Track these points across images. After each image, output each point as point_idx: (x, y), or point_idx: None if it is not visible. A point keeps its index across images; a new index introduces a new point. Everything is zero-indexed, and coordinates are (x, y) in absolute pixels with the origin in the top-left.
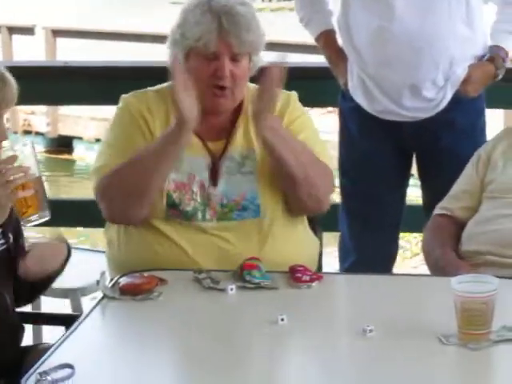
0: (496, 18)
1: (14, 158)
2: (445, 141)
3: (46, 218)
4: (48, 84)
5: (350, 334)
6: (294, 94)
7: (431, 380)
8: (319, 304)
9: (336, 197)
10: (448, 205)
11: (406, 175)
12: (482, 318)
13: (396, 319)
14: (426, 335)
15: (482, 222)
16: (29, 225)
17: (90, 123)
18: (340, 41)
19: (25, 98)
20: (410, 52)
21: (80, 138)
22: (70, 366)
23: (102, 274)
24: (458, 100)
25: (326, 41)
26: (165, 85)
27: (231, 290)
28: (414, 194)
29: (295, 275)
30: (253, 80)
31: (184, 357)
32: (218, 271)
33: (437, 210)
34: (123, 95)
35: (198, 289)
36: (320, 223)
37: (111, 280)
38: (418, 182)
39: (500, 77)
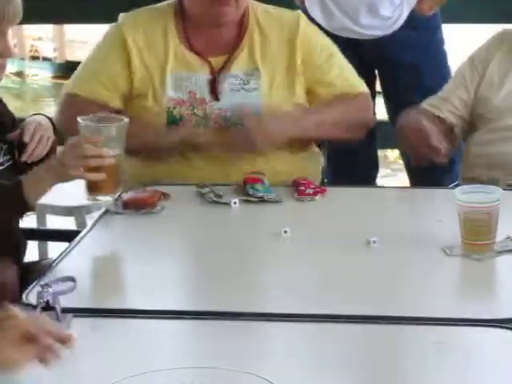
0: None
1: (98, 139)
2: (402, 57)
3: (112, 199)
4: (53, 1)
5: (353, 245)
6: (302, 15)
7: (435, 290)
8: (323, 217)
9: None
10: (438, 104)
11: (373, 90)
12: (485, 228)
13: (400, 231)
14: (430, 246)
15: (483, 144)
16: (92, 202)
17: None
18: None
19: (30, 17)
20: None
21: None
22: (72, 279)
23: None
24: (413, 18)
25: None
26: (158, 5)
27: (234, 203)
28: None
29: (299, 188)
30: None
31: (187, 268)
32: (220, 185)
33: (424, 105)
34: (121, 14)
35: (201, 203)
36: None
37: None
38: None
39: None
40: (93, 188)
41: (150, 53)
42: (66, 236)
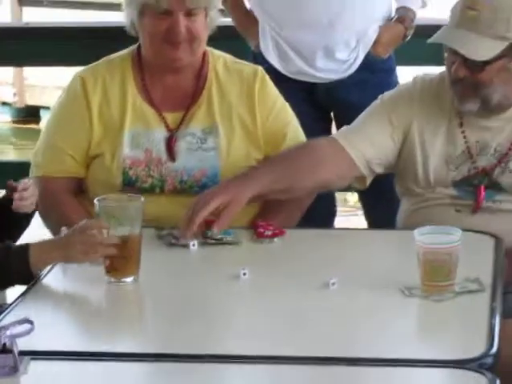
0: None
1: (106, 226)
2: (358, 100)
3: (134, 280)
4: (10, 45)
5: (313, 287)
6: (261, 70)
7: (394, 331)
8: (282, 258)
9: None
10: (352, 137)
11: (328, 133)
12: (445, 269)
13: (359, 272)
14: (388, 287)
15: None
16: (110, 282)
17: (56, 92)
18: (248, 3)
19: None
20: (326, 15)
21: (47, 108)
22: (30, 321)
23: (63, 230)
24: (369, 61)
25: (234, 4)
26: (117, 54)
27: (193, 245)
28: None
29: (257, 230)
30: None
31: (146, 310)
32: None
33: (345, 143)
34: (76, 72)
35: (160, 245)
36: None
37: None
38: None
39: (409, 37)
40: (115, 269)
41: (109, 109)
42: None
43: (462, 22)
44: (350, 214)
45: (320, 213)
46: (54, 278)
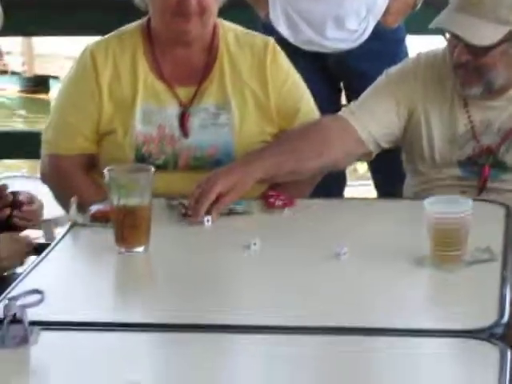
0: None
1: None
2: (368, 70)
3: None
4: (18, 14)
5: (324, 257)
6: (272, 43)
7: (405, 301)
8: (292, 228)
9: None
10: (359, 114)
11: (338, 103)
12: (455, 239)
13: (369, 242)
14: (400, 257)
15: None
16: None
17: (65, 62)
18: None
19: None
20: None
21: (56, 78)
22: (40, 292)
23: (73, 201)
24: (379, 30)
25: None
26: (127, 27)
27: (207, 221)
28: None
29: (268, 200)
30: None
31: (158, 281)
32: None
33: (351, 118)
34: (87, 44)
35: (171, 215)
36: None
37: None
38: None
39: (418, 6)
40: (125, 239)
41: (120, 85)
42: (35, 249)
43: (464, 6)
44: (359, 184)
45: (330, 183)
46: (63, 247)
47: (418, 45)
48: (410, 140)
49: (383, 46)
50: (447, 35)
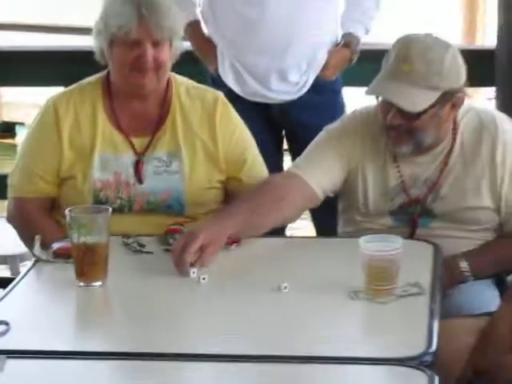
0: (346, 8)
1: None
2: (308, 119)
3: (103, 283)
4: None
5: (266, 290)
6: (222, 97)
7: (341, 331)
8: (238, 264)
9: None
10: (310, 170)
11: (280, 149)
12: (387, 274)
13: (308, 277)
14: (337, 291)
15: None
16: (79, 286)
17: (31, 110)
18: (206, 30)
19: None
20: (280, 40)
21: (22, 124)
22: (6, 323)
23: (37, 239)
24: (318, 83)
25: (194, 31)
26: (88, 80)
27: (193, 273)
28: None
29: None
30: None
31: (113, 312)
32: (144, 236)
33: (303, 173)
34: (50, 97)
35: (126, 252)
36: None
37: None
38: None
39: (354, 61)
40: (86, 274)
41: (80, 134)
42: (3, 282)
43: (396, 75)
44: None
45: None
46: (28, 282)
47: (354, 95)
48: (348, 191)
49: (322, 98)
50: (380, 98)
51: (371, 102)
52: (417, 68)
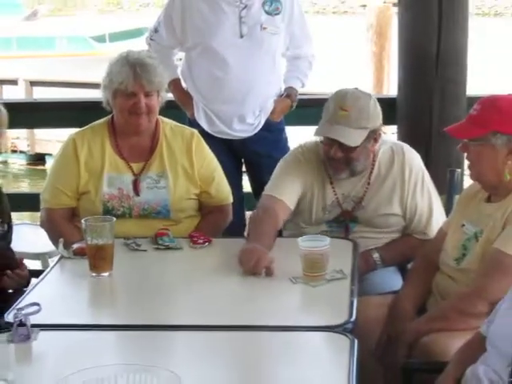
0: (288, 69)
1: None
2: (260, 150)
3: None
4: (25, 114)
5: (229, 277)
6: (197, 133)
7: (284, 306)
8: (210, 258)
9: None
10: (286, 193)
11: (240, 172)
12: (319, 264)
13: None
14: (281, 277)
15: None
16: (92, 276)
17: (57, 144)
18: (185, 85)
19: (11, 124)
20: (239, 94)
21: (50, 154)
22: (38, 304)
23: (61, 241)
24: (268, 123)
25: (175, 86)
26: (98, 122)
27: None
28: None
29: (193, 239)
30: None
31: (119, 293)
32: (139, 238)
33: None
34: (70, 134)
35: (127, 250)
36: None
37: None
38: None
39: (293, 108)
40: (97, 267)
41: (93, 160)
42: (36, 274)
43: (336, 119)
44: None
45: (235, 226)
46: (54, 273)
47: (294, 132)
48: (299, 204)
49: (271, 134)
50: (322, 138)
51: (307, 136)
52: (351, 114)
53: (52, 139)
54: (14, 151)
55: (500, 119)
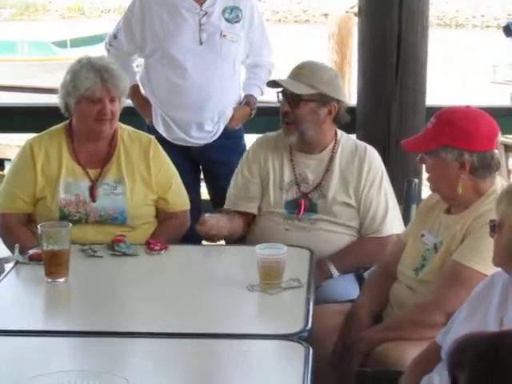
0: (247, 76)
1: None
2: (218, 157)
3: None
4: None
5: (186, 284)
6: (154, 139)
7: (241, 314)
8: (166, 265)
9: None
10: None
11: (198, 179)
12: (276, 272)
13: (218, 274)
14: (238, 285)
15: None
16: (48, 282)
17: (16, 149)
18: (144, 92)
19: None
20: (198, 101)
21: (9, 159)
22: None
23: (16, 247)
24: (226, 131)
25: (134, 93)
26: (56, 127)
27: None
28: None
29: (149, 246)
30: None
31: (73, 298)
32: (96, 244)
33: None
34: (27, 139)
35: (83, 256)
36: None
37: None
38: None
39: (253, 115)
40: (52, 273)
41: (49, 166)
42: None
43: (292, 75)
44: None
45: (193, 233)
46: (10, 278)
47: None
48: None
49: (229, 142)
50: (280, 96)
51: None
52: (304, 72)
53: (12, 144)
54: None
55: (452, 133)
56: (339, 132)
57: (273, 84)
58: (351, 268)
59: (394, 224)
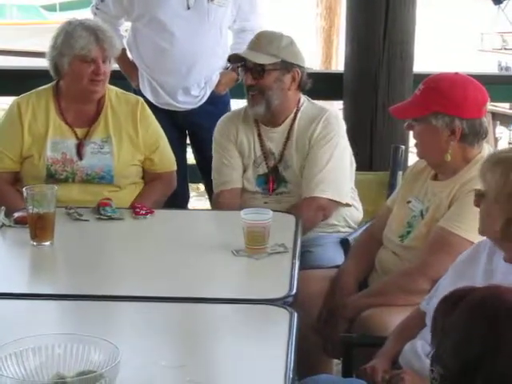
0: (234, 41)
1: None
2: (204, 123)
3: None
4: None
5: (172, 248)
6: (141, 100)
7: (227, 279)
8: (152, 229)
9: None
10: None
11: (184, 143)
12: (261, 237)
13: (203, 239)
14: (224, 250)
15: None
16: (33, 245)
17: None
18: (130, 56)
19: None
20: (184, 65)
21: None
22: None
23: (2, 209)
24: (213, 96)
25: (121, 57)
26: (43, 87)
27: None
28: None
29: (135, 210)
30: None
31: (58, 263)
32: (81, 208)
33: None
34: (15, 98)
35: (68, 219)
36: None
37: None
38: None
39: (239, 81)
40: (38, 236)
41: (36, 125)
42: None
43: (251, 46)
44: (200, 197)
45: (178, 197)
46: None
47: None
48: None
49: (215, 107)
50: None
51: None
52: (261, 41)
53: None
54: None
55: (442, 100)
56: (302, 99)
57: (234, 58)
58: None
59: (328, 189)
